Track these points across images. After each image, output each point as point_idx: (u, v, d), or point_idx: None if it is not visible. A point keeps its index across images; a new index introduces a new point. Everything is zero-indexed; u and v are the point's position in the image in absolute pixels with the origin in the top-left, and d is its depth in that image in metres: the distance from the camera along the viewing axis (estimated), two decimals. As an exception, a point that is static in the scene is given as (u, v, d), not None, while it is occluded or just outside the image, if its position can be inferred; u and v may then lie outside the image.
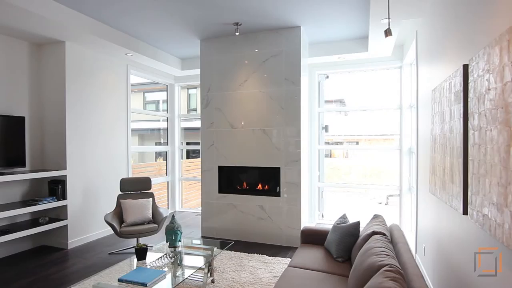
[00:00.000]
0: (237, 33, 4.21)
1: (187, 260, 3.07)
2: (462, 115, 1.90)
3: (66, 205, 4.26)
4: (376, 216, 3.00)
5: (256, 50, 4.53)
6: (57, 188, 4.21)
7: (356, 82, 6.11)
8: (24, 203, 4.03)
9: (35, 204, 3.94)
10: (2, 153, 3.81)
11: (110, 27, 4.29)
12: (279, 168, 4.45)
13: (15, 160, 3.97)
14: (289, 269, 2.67)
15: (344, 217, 3.15)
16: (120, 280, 2.39)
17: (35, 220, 4.16)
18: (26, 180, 4.21)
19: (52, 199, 4.13)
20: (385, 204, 7.91)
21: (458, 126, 2.00)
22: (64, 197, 4.24)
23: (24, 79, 4.25)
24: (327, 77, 6.20)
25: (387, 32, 2.61)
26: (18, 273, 3.47)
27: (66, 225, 4.26)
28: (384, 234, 2.46)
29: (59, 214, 4.29)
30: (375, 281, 1.68)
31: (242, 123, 4.62)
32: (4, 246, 3.93)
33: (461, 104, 1.91)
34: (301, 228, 3.43)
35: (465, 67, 1.88)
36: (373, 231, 2.51)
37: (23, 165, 4.06)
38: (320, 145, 5.55)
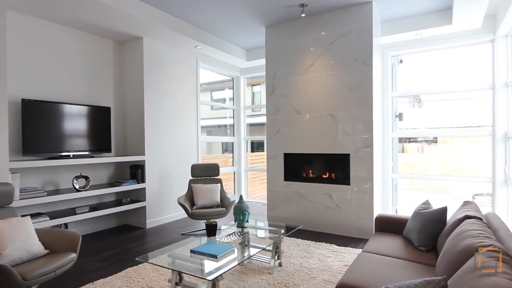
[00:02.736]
0: (303, 15, 4.09)
1: (254, 240, 3.05)
2: None
3: (144, 188, 4.62)
4: (467, 203, 2.61)
5: (323, 33, 4.35)
6: (137, 172, 4.59)
7: (435, 65, 5.46)
8: (110, 184, 4.48)
9: (118, 186, 4.34)
10: (93, 139, 4.28)
11: (180, 19, 4.53)
12: (348, 154, 4.20)
13: (103, 146, 4.42)
14: (363, 254, 2.47)
15: (427, 203, 2.81)
16: (192, 251, 2.47)
17: (118, 201, 4.59)
18: (112, 164, 4.68)
19: (133, 182, 4.52)
20: (471, 204, 6.96)
21: None
22: (143, 180, 4.60)
23: (110, 73, 4.73)
24: (401, 61, 5.70)
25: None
26: (104, 245, 3.86)
27: (145, 207, 4.62)
28: (479, 219, 2.11)
29: (139, 196, 4.67)
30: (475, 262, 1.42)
31: (308, 108, 4.48)
32: (94, 223, 4.41)
33: None
34: (376, 216, 3.16)
35: None
36: (466, 215, 2.18)
37: (109, 150, 4.51)
38: (394, 132, 5.11)
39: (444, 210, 2.55)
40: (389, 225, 3.01)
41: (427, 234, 2.53)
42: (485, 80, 4.44)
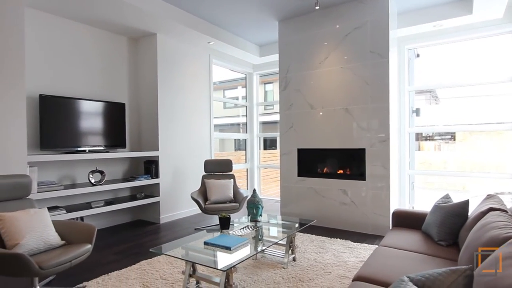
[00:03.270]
0: (317, 7, 4.02)
1: (268, 233, 3.02)
2: None
3: (158, 183, 4.65)
4: (490, 196, 2.50)
5: (337, 26, 4.28)
6: (151, 167, 4.62)
7: (454, 58, 5.27)
8: (125, 179, 4.52)
9: (133, 181, 4.38)
10: (108, 135, 4.33)
11: (193, 15, 4.53)
12: (364, 149, 4.11)
13: (118, 141, 4.47)
14: (381, 248, 2.40)
15: (447, 197, 2.71)
16: (206, 243, 2.45)
17: (133, 196, 4.64)
18: (126, 159, 4.73)
19: (147, 177, 4.55)
20: (492, 203, 6.68)
21: None
22: (157, 175, 4.63)
23: (124, 70, 4.79)
24: (418, 55, 5.55)
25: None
26: (119, 239, 3.90)
27: (159, 202, 4.65)
28: (504, 211, 2.02)
29: (153, 191, 4.71)
30: (504, 251, 1.35)
31: (323, 103, 4.41)
32: (109, 217, 4.47)
33: None
34: (393, 211, 3.08)
35: None
36: (490, 208, 2.09)
37: (124, 146, 4.55)
38: (411, 128, 4.98)
39: (465, 204, 2.45)
40: (407, 220, 2.92)
41: (447, 229, 2.43)
42: (507, 73, 4.27)
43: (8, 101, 3.04)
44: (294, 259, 3.07)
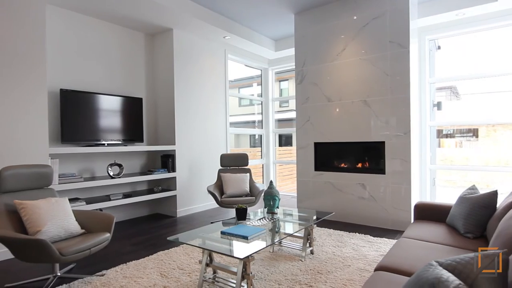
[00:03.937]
0: (334, -3, 3.95)
1: (285, 225, 2.97)
2: None
3: (175, 177, 4.68)
4: (520, 187, 2.37)
5: (355, 17, 4.18)
6: (167, 161, 4.66)
7: (477, 50, 5.03)
8: (142, 173, 4.57)
9: (150, 174, 4.42)
10: (126, 129, 4.39)
11: (208, 9, 4.53)
12: (383, 142, 4.00)
13: (135, 135, 4.52)
14: (403, 239, 2.31)
15: (473, 188, 2.59)
16: (223, 233, 2.43)
17: (150, 189, 4.69)
18: (144, 153, 4.78)
19: (164, 171, 4.58)
20: (518, 201, 6.37)
21: None
22: (173, 169, 4.66)
23: (142, 65, 4.84)
24: (439, 47, 5.36)
25: None
26: (137, 231, 3.95)
27: (175, 195, 4.68)
28: (539, 200, 1.90)
29: (170, 185, 4.74)
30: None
31: (340, 95, 4.32)
32: (127, 210, 4.53)
33: None
34: (415, 203, 2.97)
35: None
36: (522, 197, 1.97)
37: (141, 140, 4.60)
38: (432, 121, 4.82)
39: (494, 194, 2.34)
40: (430, 213, 2.81)
41: (474, 220, 2.32)
42: (537, 62, 4.06)
43: (30, 95, 3.12)
44: (312, 252, 3.01)
